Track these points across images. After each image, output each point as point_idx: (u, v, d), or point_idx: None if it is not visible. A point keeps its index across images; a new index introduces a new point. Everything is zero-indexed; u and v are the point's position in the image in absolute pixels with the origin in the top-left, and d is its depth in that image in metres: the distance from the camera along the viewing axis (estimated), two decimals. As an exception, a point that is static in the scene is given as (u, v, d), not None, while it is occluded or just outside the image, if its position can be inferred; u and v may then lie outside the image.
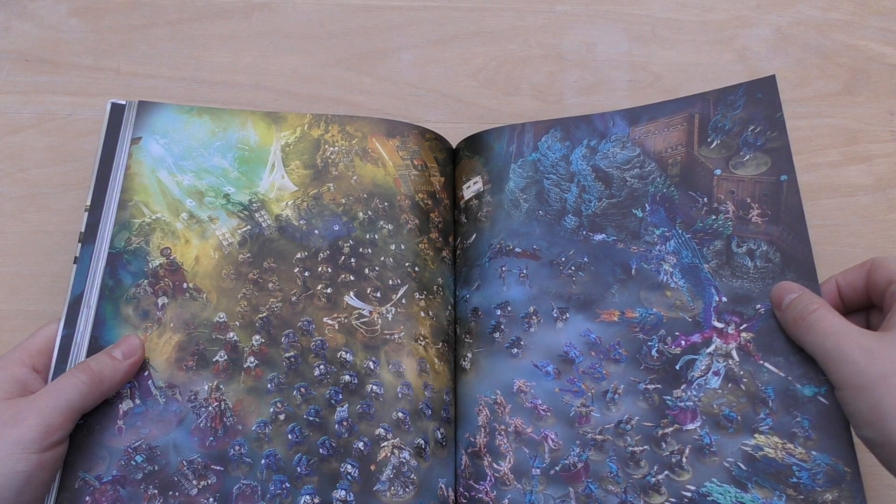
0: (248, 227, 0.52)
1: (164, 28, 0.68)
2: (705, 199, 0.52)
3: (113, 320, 0.48)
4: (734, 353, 0.48)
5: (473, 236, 0.55)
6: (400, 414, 0.48)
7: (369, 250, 0.53)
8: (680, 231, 0.52)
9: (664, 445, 0.47)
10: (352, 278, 0.52)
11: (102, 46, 0.67)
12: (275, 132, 0.55)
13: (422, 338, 0.51)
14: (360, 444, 0.47)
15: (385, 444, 0.47)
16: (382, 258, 0.53)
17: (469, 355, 0.52)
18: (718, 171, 0.53)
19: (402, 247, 0.53)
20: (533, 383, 0.49)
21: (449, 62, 0.68)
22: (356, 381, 0.49)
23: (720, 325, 0.49)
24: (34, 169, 0.61)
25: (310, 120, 0.56)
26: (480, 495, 0.48)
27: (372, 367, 0.49)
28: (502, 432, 0.49)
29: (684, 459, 0.46)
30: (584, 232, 0.53)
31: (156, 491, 0.45)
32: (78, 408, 0.44)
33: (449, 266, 0.55)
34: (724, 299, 0.49)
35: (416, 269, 0.53)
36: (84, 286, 0.49)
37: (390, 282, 0.52)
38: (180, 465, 0.45)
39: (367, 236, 0.53)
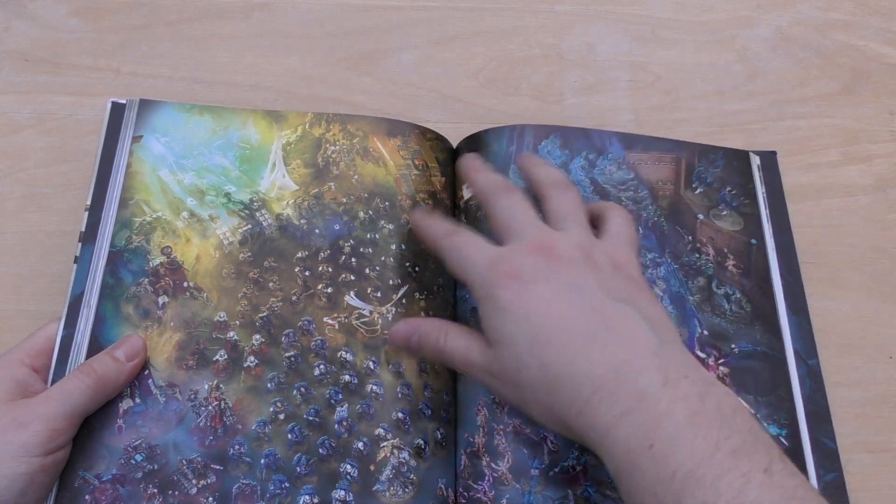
0: (249, 226, 0.52)
1: (164, 28, 0.68)
2: (690, 238, 0.54)
3: (113, 319, 0.48)
4: None
5: None
6: (400, 414, 0.48)
7: (370, 250, 0.53)
8: (669, 260, 0.53)
9: None
10: (352, 278, 0.52)
11: (102, 46, 0.66)
12: (276, 131, 0.55)
13: (422, 338, 0.51)
14: (360, 444, 0.47)
15: (385, 444, 0.47)
16: (383, 258, 0.53)
17: None
18: (701, 216, 0.55)
19: (403, 247, 0.53)
20: None
21: (449, 62, 0.68)
22: (356, 381, 0.49)
23: (702, 356, 0.50)
24: (34, 169, 0.61)
25: (311, 119, 0.56)
26: (479, 495, 0.48)
27: (372, 367, 0.49)
28: (501, 432, 0.48)
29: None
30: None
31: (155, 490, 0.45)
32: (82, 412, 0.44)
33: (449, 266, 0.55)
34: (706, 332, 0.51)
35: (417, 269, 0.53)
36: (84, 286, 0.49)
37: (391, 282, 0.52)
38: (180, 465, 0.45)
39: (368, 236, 0.53)
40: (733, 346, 0.50)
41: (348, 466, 0.47)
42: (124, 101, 0.54)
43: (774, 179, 0.60)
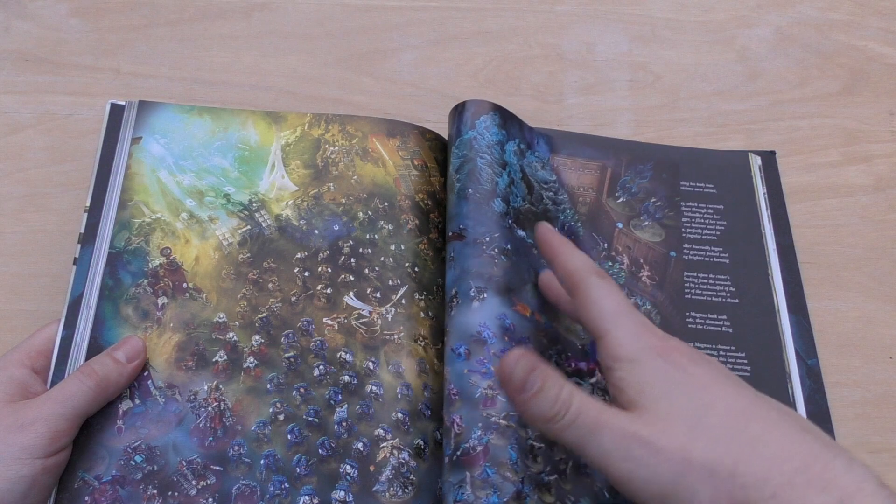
0: (248, 226, 0.52)
1: (164, 28, 0.68)
2: (605, 245, 0.54)
3: (112, 320, 0.48)
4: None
5: None
6: (399, 414, 0.48)
7: (369, 250, 0.53)
8: None
9: (555, 450, 0.45)
10: (352, 278, 0.52)
11: (102, 46, 0.67)
12: (275, 132, 0.55)
13: (421, 338, 0.51)
14: (360, 445, 0.47)
15: (384, 444, 0.47)
16: (382, 258, 0.53)
17: None
18: (620, 225, 0.55)
19: (402, 247, 0.53)
20: (448, 368, 0.47)
21: (449, 62, 0.68)
22: (356, 382, 0.49)
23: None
24: (34, 169, 0.61)
25: (310, 119, 0.56)
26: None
27: (371, 367, 0.49)
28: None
29: (568, 470, 0.45)
30: (510, 221, 0.51)
31: (155, 491, 0.45)
32: (83, 413, 0.44)
33: (448, 266, 0.55)
34: None
35: (416, 269, 0.53)
36: (84, 287, 0.49)
37: (390, 282, 0.52)
38: (179, 466, 0.45)
39: (367, 236, 0.53)
40: None
41: (348, 467, 0.47)
42: (123, 103, 0.54)
43: (774, 179, 0.60)
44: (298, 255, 0.52)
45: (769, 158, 0.60)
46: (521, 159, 0.55)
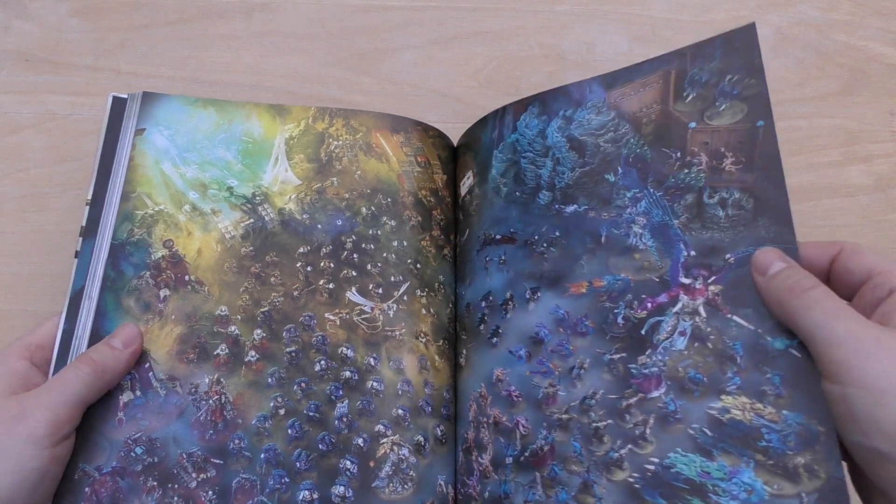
0: (251, 220, 0.52)
1: (164, 28, 0.67)
2: (678, 154, 0.49)
3: (114, 312, 0.48)
4: (701, 310, 0.44)
5: (467, 232, 0.55)
6: (400, 411, 0.48)
7: (372, 246, 0.53)
8: (651, 190, 0.49)
9: (628, 417, 0.44)
10: (354, 274, 0.52)
11: (102, 46, 0.66)
12: (279, 125, 0.55)
13: (423, 335, 0.51)
14: (360, 441, 0.47)
15: (384, 440, 0.47)
16: (385, 254, 0.53)
17: (464, 352, 0.52)
18: (693, 125, 0.49)
19: (405, 243, 0.53)
20: (508, 370, 0.48)
21: (449, 62, 0.68)
22: (357, 378, 0.49)
23: (687, 282, 0.45)
24: (34, 169, 0.61)
25: (314, 113, 0.56)
26: (470, 490, 0.48)
27: (373, 363, 0.49)
28: (484, 425, 0.48)
29: (648, 430, 0.43)
30: (557, 206, 0.51)
31: (155, 483, 0.45)
32: (84, 400, 0.44)
33: (450, 264, 0.55)
34: (693, 253, 0.46)
35: (418, 266, 0.53)
36: (85, 280, 0.49)
37: (392, 278, 0.52)
38: (180, 458, 0.45)
39: (370, 232, 0.53)
40: (728, 255, 0.45)
41: (348, 462, 0.47)
42: (125, 96, 0.54)
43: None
44: (301, 250, 0.52)
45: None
46: (568, 127, 0.53)
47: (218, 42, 0.67)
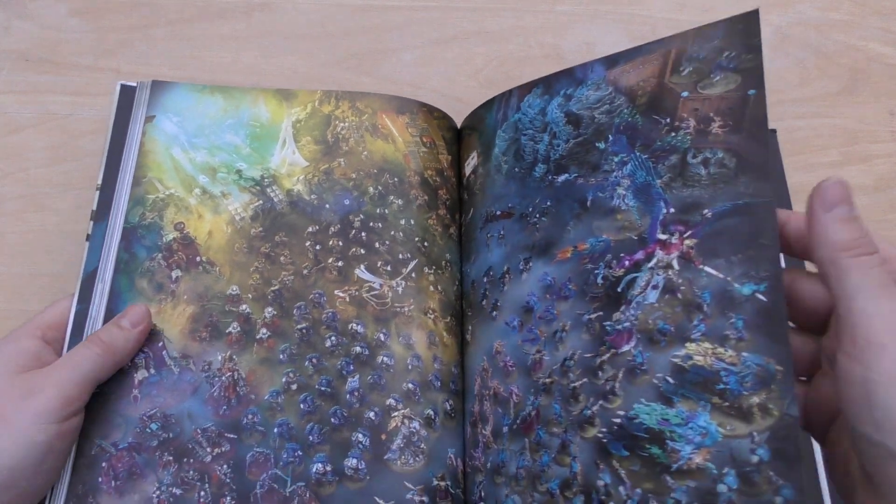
0: (260, 201, 0.53)
1: (164, 28, 0.68)
2: (668, 120, 0.49)
3: (128, 293, 0.49)
4: (674, 263, 0.44)
5: (471, 212, 0.55)
6: (410, 385, 0.49)
7: (379, 224, 0.53)
8: (638, 154, 0.49)
9: (600, 374, 0.44)
10: (362, 252, 0.52)
11: (102, 46, 0.67)
12: (286, 108, 0.56)
13: (431, 311, 0.52)
14: (371, 414, 0.48)
15: (395, 413, 0.48)
16: (392, 232, 0.53)
17: (470, 328, 0.52)
18: (685, 94, 0.49)
19: (412, 222, 0.54)
20: (505, 342, 0.49)
21: (449, 62, 0.68)
22: (367, 353, 0.50)
23: (664, 237, 0.45)
24: (34, 169, 0.61)
25: (320, 96, 0.57)
26: (476, 462, 0.48)
27: (383, 338, 0.50)
28: (487, 397, 0.49)
29: (617, 385, 0.43)
30: (550, 176, 0.51)
31: (171, 458, 0.45)
32: (93, 378, 0.45)
33: (456, 243, 0.55)
34: (672, 210, 0.46)
35: (426, 244, 0.54)
36: (98, 262, 0.50)
37: (400, 256, 0.53)
38: (194, 433, 0.46)
39: (378, 211, 0.54)
40: (706, 211, 0.44)
41: (360, 435, 0.47)
42: (134, 84, 0.55)
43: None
44: (310, 229, 0.53)
45: (771, 137, 0.60)
46: (567, 104, 0.54)
47: (218, 42, 0.68)
